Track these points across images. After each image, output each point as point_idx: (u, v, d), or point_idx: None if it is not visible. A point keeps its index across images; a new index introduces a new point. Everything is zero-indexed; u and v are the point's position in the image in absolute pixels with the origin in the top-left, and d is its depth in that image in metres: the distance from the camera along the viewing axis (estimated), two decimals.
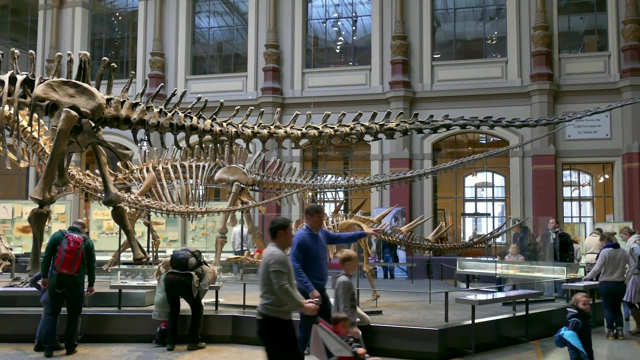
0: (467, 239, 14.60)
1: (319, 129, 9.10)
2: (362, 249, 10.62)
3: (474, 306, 8.57)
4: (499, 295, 10.23)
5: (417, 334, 8.09)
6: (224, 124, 9.06)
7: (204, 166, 13.59)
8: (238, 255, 13.14)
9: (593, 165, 21.38)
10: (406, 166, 19.05)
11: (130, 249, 10.92)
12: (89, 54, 9.17)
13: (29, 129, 10.91)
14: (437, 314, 9.30)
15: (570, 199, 20.95)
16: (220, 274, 10.10)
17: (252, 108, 9.65)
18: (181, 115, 8.93)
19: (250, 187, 13.84)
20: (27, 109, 9.10)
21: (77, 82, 8.82)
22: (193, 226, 17.26)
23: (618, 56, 18.81)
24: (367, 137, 9.28)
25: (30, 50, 9.60)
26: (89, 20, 24.41)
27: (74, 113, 8.57)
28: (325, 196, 21.66)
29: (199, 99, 9.00)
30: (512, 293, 10.24)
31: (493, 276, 13.50)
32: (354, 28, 22.84)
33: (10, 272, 11.40)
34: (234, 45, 24.11)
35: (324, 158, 22.80)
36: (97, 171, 10.59)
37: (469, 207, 23.57)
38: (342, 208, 13.47)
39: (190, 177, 13.46)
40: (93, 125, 8.86)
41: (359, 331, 5.96)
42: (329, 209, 20.90)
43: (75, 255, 7.91)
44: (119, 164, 13.16)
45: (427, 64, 20.32)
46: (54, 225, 16.05)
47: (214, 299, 9.55)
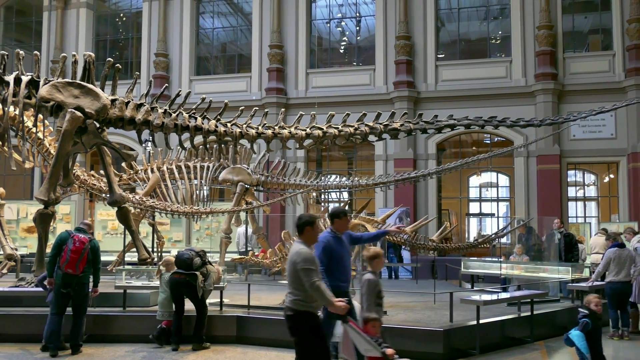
0: (472, 239, 14.58)
1: (323, 129, 9.10)
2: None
3: (479, 306, 8.55)
4: (503, 295, 10.20)
5: (422, 335, 8.07)
6: (228, 124, 9.07)
7: (208, 167, 13.61)
8: (242, 256, 13.15)
9: (598, 165, 21.30)
10: (410, 166, 19.03)
11: (134, 250, 10.94)
12: (93, 54, 9.19)
13: (34, 130, 10.96)
14: (442, 315, 9.27)
15: (575, 199, 20.89)
16: (225, 275, 10.10)
17: (257, 108, 9.66)
18: (185, 115, 8.94)
19: (255, 188, 13.86)
20: (32, 109, 9.13)
21: (82, 83, 8.84)
22: (197, 226, 17.29)
23: (623, 55, 18.76)
24: (372, 138, 9.28)
25: (35, 51, 9.62)
26: (93, 21, 24.46)
27: (78, 114, 8.59)
28: (329, 196, 21.66)
29: (203, 99, 9.00)
30: (517, 293, 10.21)
31: (498, 276, 13.48)
32: (357, 28, 22.83)
33: (15, 273, 11.41)
34: (238, 45, 24.12)
35: (328, 158, 22.79)
36: (102, 172, 10.62)
37: (474, 207, 23.49)
38: (347, 208, 13.47)
39: (195, 178, 13.49)
40: (98, 125, 8.87)
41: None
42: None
43: (80, 255, 7.93)
44: (123, 164, 13.19)
45: (431, 64, 20.30)
46: (59, 225, 16.09)
47: (219, 299, 9.55)
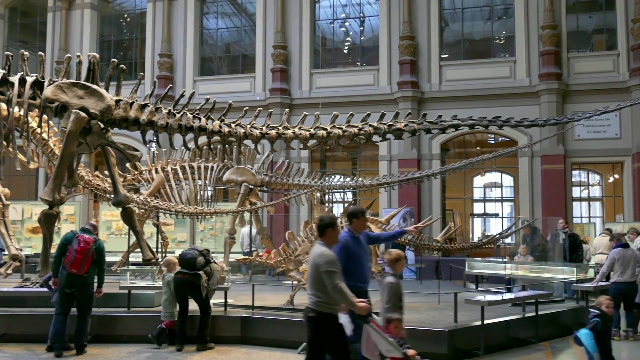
0: (476, 239, 14.56)
1: (327, 129, 9.11)
2: (371, 249, 10.60)
3: (483, 307, 8.54)
4: (508, 296, 10.19)
5: (426, 335, 8.06)
6: (232, 124, 9.08)
7: (212, 167, 13.63)
8: (247, 256, 13.15)
9: (602, 165, 21.27)
10: (414, 166, 19.02)
11: (139, 250, 10.96)
12: (97, 55, 9.21)
13: (38, 131, 11.01)
14: (446, 315, 9.27)
15: (580, 199, 20.84)
16: (229, 275, 10.11)
17: (261, 109, 9.67)
18: (190, 116, 8.95)
19: (259, 188, 13.87)
20: (37, 110, 9.16)
21: (87, 84, 8.86)
22: (202, 227, 17.32)
23: (627, 55, 18.70)
24: (376, 138, 9.28)
25: (40, 52, 9.65)
26: (97, 22, 24.51)
27: (83, 114, 8.61)
28: (333, 197, 21.66)
29: (207, 100, 9.01)
30: (522, 294, 10.19)
31: (502, 277, 13.46)
32: (361, 28, 22.83)
33: (20, 273, 11.45)
34: (242, 46, 24.14)
35: (332, 159, 22.79)
36: (106, 172, 10.64)
37: (478, 208, 23.50)
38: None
39: (199, 178, 13.50)
40: (102, 126, 8.89)
41: (405, 332, 6.00)
42: (338, 209, 20.90)
43: (85, 256, 7.94)
44: (128, 165, 13.21)
45: (435, 64, 20.28)
46: (64, 226, 16.14)
47: (223, 300, 9.56)
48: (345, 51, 23.49)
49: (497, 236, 13.03)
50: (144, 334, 8.66)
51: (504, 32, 21.36)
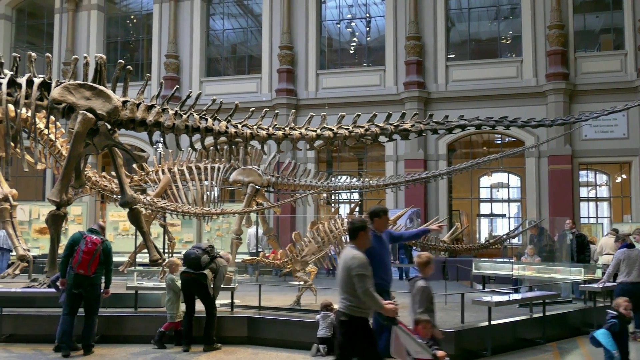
0: (483, 240, 14.52)
1: (333, 130, 9.10)
2: None
3: (491, 308, 8.52)
4: (515, 296, 10.16)
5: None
6: (239, 125, 9.08)
7: (219, 168, 13.65)
8: (253, 257, 13.17)
9: (610, 165, 21.19)
10: (421, 167, 18.99)
11: (146, 251, 10.98)
12: (104, 56, 9.24)
13: (46, 132, 11.05)
14: (453, 316, 9.24)
15: (587, 200, 20.77)
16: (236, 276, 10.12)
17: (267, 109, 9.67)
18: (196, 117, 8.96)
19: (265, 189, 13.88)
20: (44, 111, 9.19)
21: (94, 85, 8.89)
22: (208, 227, 17.33)
23: (635, 55, 18.62)
24: (382, 138, 9.27)
25: (47, 54, 9.68)
26: (104, 23, 24.59)
27: (90, 115, 8.64)
28: (340, 197, 21.65)
29: (213, 100, 9.02)
30: (529, 294, 10.16)
31: (509, 277, 13.42)
32: (367, 29, 22.81)
33: (28, 273, 11.49)
34: (248, 47, 24.17)
35: (339, 159, 22.79)
36: (113, 173, 10.66)
37: (485, 208, 23.44)
38: (357, 209, 13.45)
39: (206, 179, 13.52)
40: (109, 127, 8.91)
41: (440, 332, 6.09)
42: (344, 210, 20.89)
43: (92, 256, 7.96)
44: (134, 165, 13.25)
45: (442, 64, 20.24)
46: (71, 226, 16.18)
47: (230, 300, 9.57)
48: (351, 52, 23.48)
49: (504, 237, 13.00)
50: (151, 334, 8.68)
51: (511, 32, 21.30)
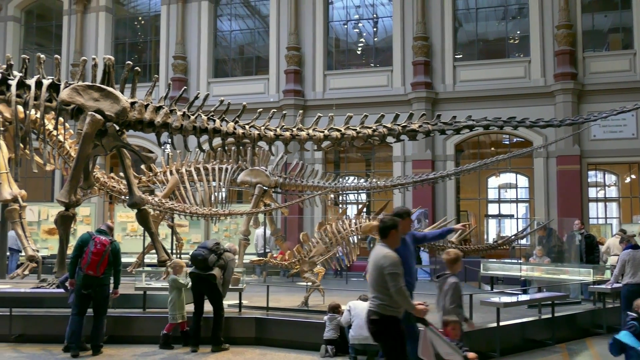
0: (491, 240, 14.48)
1: (341, 130, 9.10)
2: None
3: (499, 309, 8.49)
4: (524, 297, 10.12)
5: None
6: (246, 126, 9.10)
7: (226, 168, 13.67)
8: (261, 258, 13.19)
9: (619, 165, 21.06)
10: (429, 167, 18.94)
11: (154, 251, 11.02)
12: (113, 58, 9.27)
13: (54, 133, 11.11)
14: None
15: (596, 200, 20.66)
16: (244, 276, 10.12)
17: (275, 110, 9.68)
18: (204, 118, 8.98)
19: (273, 190, 13.89)
20: (53, 112, 9.23)
21: (102, 86, 8.92)
22: (216, 228, 17.35)
23: None
24: (390, 139, 9.26)
25: (56, 55, 9.73)
26: (112, 25, 24.69)
27: (98, 117, 8.67)
28: (347, 198, 21.63)
29: (221, 101, 9.03)
30: (538, 295, 10.12)
31: (517, 278, 13.36)
32: (375, 29, 22.80)
33: (37, 274, 11.54)
34: (255, 48, 24.20)
35: (346, 160, 22.78)
36: (122, 174, 10.71)
37: (493, 209, 23.36)
38: (365, 210, 13.44)
39: (213, 180, 13.54)
40: (117, 128, 8.95)
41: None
42: (352, 211, 20.88)
43: (101, 257, 7.99)
44: (142, 166, 13.29)
45: (449, 65, 20.19)
46: (79, 227, 16.24)
47: (238, 301, 9.58)
48: (358, 52, 23.47)
49: (513, 237, 12.95)
50: (160, 334, 8.70)
51: (519, 32, 21.22)
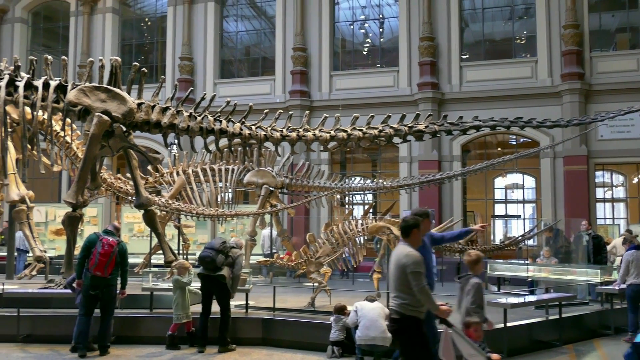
0: (498, 241, 14.44)
1: (347, 131, 9.09)
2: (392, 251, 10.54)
3: (506, 309, 8.46)
4: (531, 298, 10.09)
5: None
6: (253, 127, 9.11)
7: (233, 169, 13.67)
8: (267, 258, 13.20)
9: (626, 166, 20.97)
10: (435, 168, 18.90)
11: (161, 252, 11.03)
12: (119, 59, 9.30)
13: (62, 134, 11.15)
14: None
15: (604, 200, 20.58)
16: (250, 277, 10.13)
17: (281, 111, 9.69)
18: (210, 119, 9.00)
19: (279, 190, 13.89)
20: (60, 113, 9.27)
21: (109, 87, 8.95)
22: (222, 229, 17.37)
23: None
24: (396, 139, 9.24)
25: (63, 57, 9.77)
26: (119, 26, 24.76)
27: (105, 118, 8.70)
28: (353, 199, 21.62)
29: (227, 102, 9.04)
30: (545, 296, 10.09)
31: (525, 279, 13.32)
32: (381, 30, 22.78)
33: (44, 274, 11.58)
34: (261, 48, 24.22)
35: (352, 160, 22.77)
36: (128, 175, 10.74)
37: (499, 209, 23.29)
38: (371, 211, 13.42)
39: (220, 180, 13.55)
40: (124, 129, 8.98)
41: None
42: (358, 211, 20.86)
43: (109, 258, 8.02)
44: (149, 167, 13.31)
45: (456, 65, 20.15)
46: (87, 228, 16.28)
47: (244, 302, 9.58)
48: (364, 53, 23.45)
49: (520, 238, 12.91)
50: (166, 335, 8.71)
51: (525, 32, 21.15)
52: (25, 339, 8.82)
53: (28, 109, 9.38)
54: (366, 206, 14.26)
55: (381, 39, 22.82)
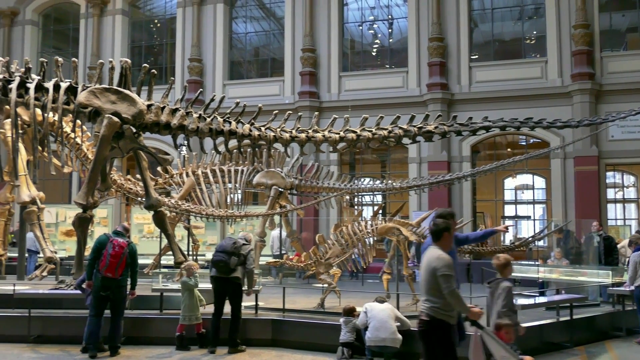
0: (508, 242, 14.37)
1: (357, 132, 9.08)
2: (402, 252, 10.53)
3: (517, 311, 8.40)
4: (541, 299, 10.03)
5: None
6: (262, 128, 9.11)
7: (242, 170, 13.69)
8: (277, 259, 13.20)
9: (638, 166, 20.84)
10: (444, 169, 18.85)
11: (170, 253, 11.06)
12: (129, 61, 9.33)
13: (72, 135, 11.21)
14: None
15: (615, 201, 20.46)
16: (260, 278, 10.13)
17: (290, 112, 9.69)
18: (220, 120, 9.01)
19: (289, 191, 13.89)
20: (71, 115, 9.31)
21: (119, 89, 8.99)
22: (232, 230, 17.38)
23: None
24: (405, 140, 9.21)
25: (73, 58, 9.81)
26: (128, 28, 24.88)
27: (115, 119, 8.74)
28: (363, 200, 21.60)
29: (237, 104, 9.04)
30: (556, 297, 10.03)
31: (535, 280, 13.25)
32: (390, 30, 22.75)
33: (55, 275, 11.64)
34: (270, 49, 24.26)
35: (362, 161, 22.75)
36: (138, 176, 10.77)
37: (509, 210, 23.20)
38: (381, 212, 13.40)
39: (229, 181, 13.57)
40: (134, 131, 9.01)
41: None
42: (367, 212, 20.83)
43: (119, 260, 8.04)
44: (159, 168, 13.34)
45: (465, 66, 20.10)
46: (97, 229, 16.33)
47: (254, 303, 9.58)
48: (373, 53, 23.43)
49: (530, 239, 12.84)
50: (175, 336, 8.73)
51: (535, 32, 21.07)
52: (36, 339, 8.86)
53: (39, 111, 9.43)
54: (375, 207, 14.24)
55: (390, 40, 22.80)
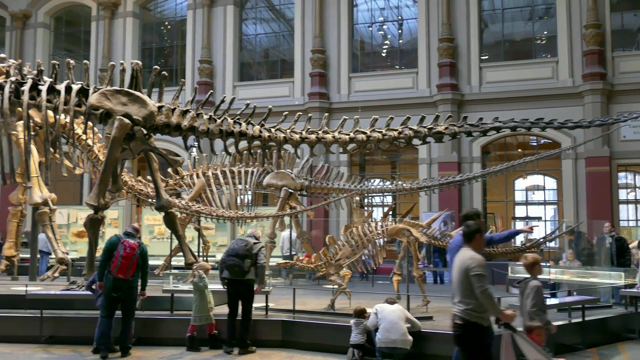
0: (519, 243, 14.30)
1: (367, 133, 9.07)
2: (412, 253, 10.51)
3: (547, 310, 8.36)
4: (553, 301, 9.96)
5: None
6: (272, 129, 9.12)
7: (252, 172, 13.71)
8: (287, 260, 13.21)
9: None
10: (455, 170, 18.81)
11: (181, 254, 11.09)
12: (140, 63, 9.37)
13: (83, 137, 11.25)
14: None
15: (627, 202, 20.31)
16: (270, 279, 10.14)
17: (300, 113, 9.67)
18: (230, 121, 9.03)
19: (299, 192, 13.89)
20: (82, 117, 9.36)
21: (130, 91, 9.03)
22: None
23: None
24: (416, 141, 9.20)
25: (85, 61, 9.87)
26: (139, 30, 24.99)
27: (126, 121, 8.78)
28: (373, 201, 21.57)
29: (247, 105, 9.06)
30: (568, 299, 9.98)
31: (547, 282, 13.17)
32: (400, 31, 22.72)
33: (67, 276, 11.70)
34: (280, 51, 24.29)
35: (372, 162, 22.72)
36: (149, 177, 10.80)
37: (520, 211, 23.10)
38: (391, 213, 13.38)
39: (239, 183, 13.59)
40: (145, 132, 9.04)
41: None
42: (378, 213, 20.81)
43: (131, 261, 8.08)
44: (169, 170, 13.39)
45: (475, 66, 20.03)
46: (108, 230, 16.41)
47: (264, 304, 9.59)
48: (383, 54, 23.41)
49: (541, 240, 12.77)
50: (186, 337, 8.75)
51: (546, 32, 20.98)
52: (48, 340, 8.91)
53: (51, 113, 9.48)
54: (386, 208, 14.21)
55: (400, 41, 22.76)
